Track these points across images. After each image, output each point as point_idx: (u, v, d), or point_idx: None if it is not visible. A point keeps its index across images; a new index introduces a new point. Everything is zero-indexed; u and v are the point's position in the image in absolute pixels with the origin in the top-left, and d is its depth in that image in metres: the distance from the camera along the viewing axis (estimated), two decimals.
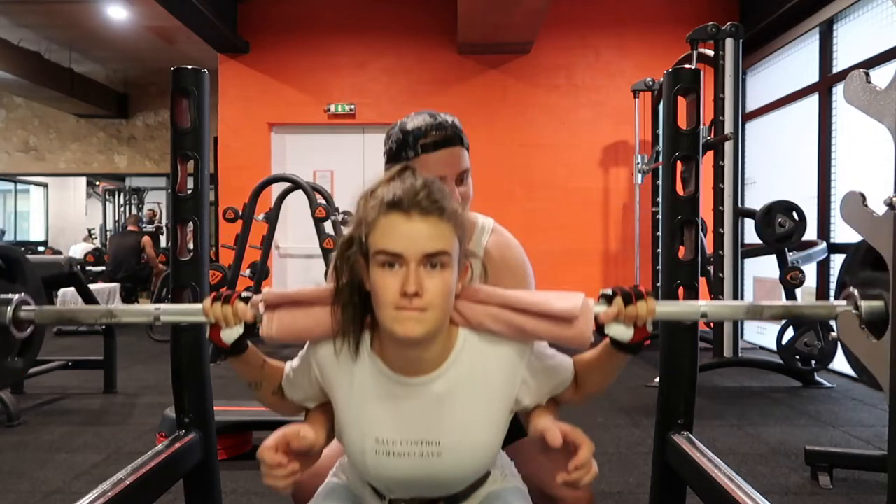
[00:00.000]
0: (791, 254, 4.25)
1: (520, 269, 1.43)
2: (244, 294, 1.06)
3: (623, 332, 1.01)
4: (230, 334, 1.04)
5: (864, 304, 1.09)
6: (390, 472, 1.05)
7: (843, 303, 1.14)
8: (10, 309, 1.22)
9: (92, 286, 5.90)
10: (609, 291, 1.02)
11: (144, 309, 1.20)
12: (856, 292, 1.11)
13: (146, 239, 8.05)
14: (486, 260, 1.37)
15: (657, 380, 1.71)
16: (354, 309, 1.01)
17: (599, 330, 1.02)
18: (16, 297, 1.24)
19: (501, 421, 1.07)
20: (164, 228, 10.96)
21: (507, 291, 1.05)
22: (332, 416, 1.11)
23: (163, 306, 1.19)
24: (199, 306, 1.08)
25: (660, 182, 5.08)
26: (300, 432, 1.01)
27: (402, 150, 1.33)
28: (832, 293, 4.71)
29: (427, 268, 0.94)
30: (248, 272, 5.42)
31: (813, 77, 5.05)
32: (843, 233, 4.63)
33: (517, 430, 1.27)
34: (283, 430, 1.01)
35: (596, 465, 0.95)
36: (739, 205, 4.31)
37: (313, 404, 1.14)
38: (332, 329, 1.03)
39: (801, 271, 4.16)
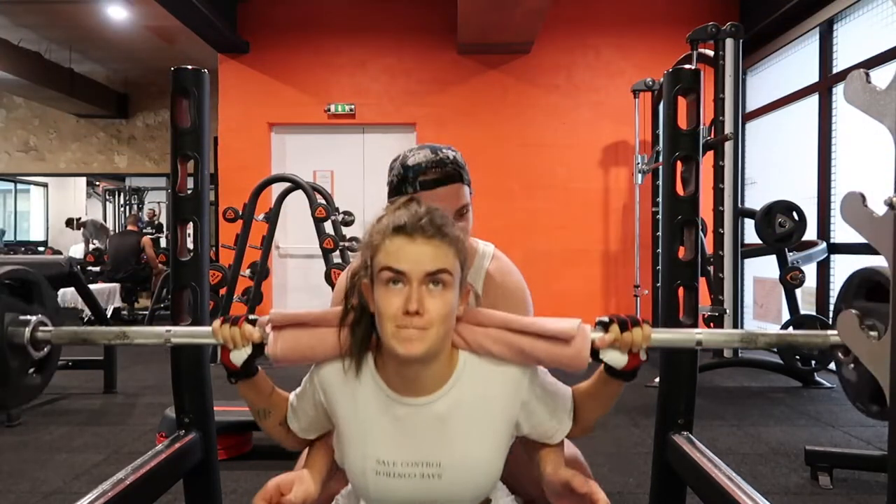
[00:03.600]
0: (791, 254, 4.26)
1: (519, 294, 1.45)
2: (252, 317, 1.12)
3: (618, 359, 1.06)
4: (239, 355, 1.10)
5: None
6: (391, 493, 1.07)
7: (837, 333, 1.17)
8: (28, 329, 1.33)
9: (92, 286, 5.90)
10: (605, 319, 1.06)
11: (156, 331, 1.29)
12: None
13: (146, 239, 8.04)
14: (487, 284, 1.42)
15: (657, 380, 1.71)
16: (363, 329, 1.05)
17: (595, 355, 1.06)
18: (34, 318, 1.35)
19: (503, 444, 1.09)
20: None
21: (506, 315, 1.08)
22: (330, 458, 1.15)
23: (174, 328, 1.29)
24: (208, 329, 1.15)
25: (660, 182, 5.08)
26: (294, 484, 1.05)
27: (402, 186, 1.34)
28: (832, 294, 4.72)
29: (429, 287, 0.97)
30: (248, 272, 5.41)
31: (813, 77, 5.04)
32: (843, 233, 4.62)
33: None
34: (278, 478, 1.04)
35: None
36: (739, 205, 4.30)
37: (315, 434, 1.17)
38: (340, 348, 1.07)
39: (801, 271, 4.17)
